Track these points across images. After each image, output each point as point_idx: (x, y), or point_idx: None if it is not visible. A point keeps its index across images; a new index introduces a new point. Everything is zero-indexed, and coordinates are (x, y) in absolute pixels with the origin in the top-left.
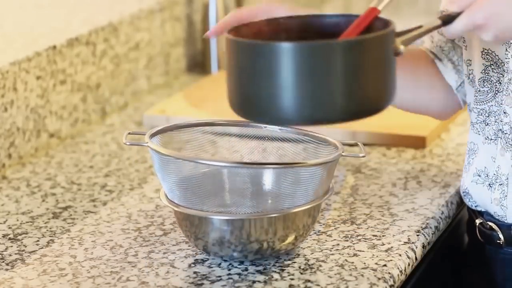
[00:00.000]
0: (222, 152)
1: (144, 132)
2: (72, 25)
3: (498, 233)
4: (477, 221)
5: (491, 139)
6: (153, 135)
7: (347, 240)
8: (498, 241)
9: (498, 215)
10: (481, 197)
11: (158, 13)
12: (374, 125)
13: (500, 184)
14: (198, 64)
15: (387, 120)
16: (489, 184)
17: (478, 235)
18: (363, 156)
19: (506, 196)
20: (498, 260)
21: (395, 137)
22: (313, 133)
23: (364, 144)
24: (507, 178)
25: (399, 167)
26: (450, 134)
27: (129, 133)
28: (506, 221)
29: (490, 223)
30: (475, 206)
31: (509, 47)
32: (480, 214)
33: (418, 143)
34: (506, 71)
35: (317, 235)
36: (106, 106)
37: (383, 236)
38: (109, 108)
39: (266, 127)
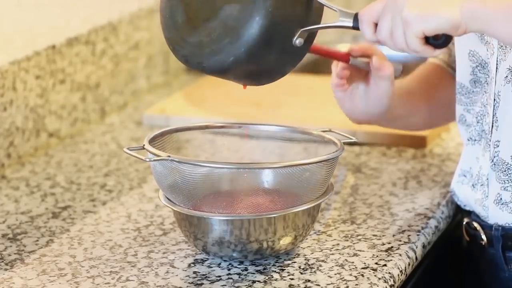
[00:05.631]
0: (222, 152)
1: (141, 147)
2: (72, 24)
3: (481, 233)
4: (465, 220)
5: (475, 140)
6: (152, 140)
7: (347, 240)
8: (481, 242)
9: (482, 216)
10: (466, 197)
11: (158, 13)
12: None
13: (482, 185)
14: None
15: None
16: (473, 185)
17: (465, 234)
18: (355, 140)
19: (487, 196)
20: (484, 261)
21: (395, 136)
22: (314, 132)
23: (364, 144)
24: (487, 179)
25: (399, 167)
26: (450, 133)
27: (128, 148)
28: (488, 222)
29: (474, 223)
30: (464, 206)
31: (489, 46)
32: (469, 213)
33: (418, 142)
34: (489, 70)
35: (317, 235)
36: (105, 106)
37: (383, 236)
38: (108, 107)
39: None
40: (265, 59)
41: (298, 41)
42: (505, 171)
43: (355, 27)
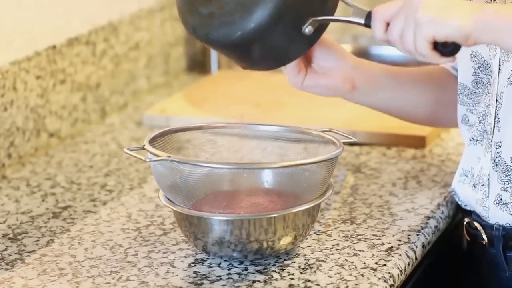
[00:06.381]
0: (222, 152)
1: (141, 147)
2: (72, 24)
3: (482, 233)
4: (465, 220)
5: (477, 140)
6: (152, 140)
7: (347, 240)
8: (481, 241)
9: (482, 216)
10: (467, 197)
11: (158, 13)
12: (374, 125)
13: (482, 185)
14: (198, 64)
15: (387, 120)
16: (474, 185)
17: (466, 234)
18: (355, 140)
19: (488, 196)
20: (485, 260)
21: (395, 137)
22: (313, 132)
23: (364, 144)
24: (488, 179)
25: (399, 167)
26: (450, 133)
27: (128, 148)
28: (489, 222)
29: (475, 223)
30: (464, 206)
31: (491, 47)
32: (469, 213)
33: (418, 142)
34: (492, 71)
35: (317, 234)
36: (106, 106)
37: (383, 235)
38: (109, 107)
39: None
40: (271, 40)
41: (307, 29)
42: (505, 172)
43: (367, 25)
